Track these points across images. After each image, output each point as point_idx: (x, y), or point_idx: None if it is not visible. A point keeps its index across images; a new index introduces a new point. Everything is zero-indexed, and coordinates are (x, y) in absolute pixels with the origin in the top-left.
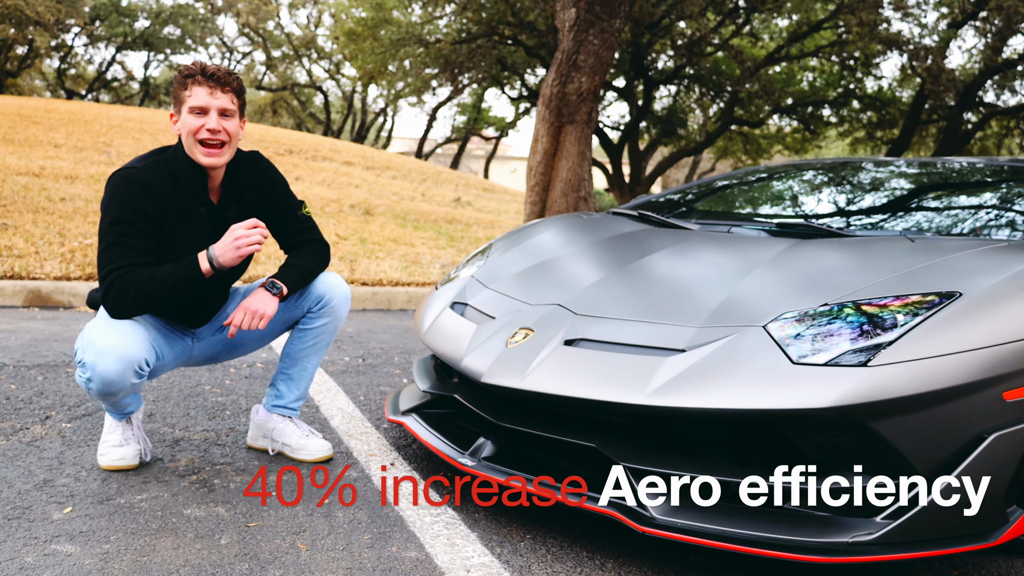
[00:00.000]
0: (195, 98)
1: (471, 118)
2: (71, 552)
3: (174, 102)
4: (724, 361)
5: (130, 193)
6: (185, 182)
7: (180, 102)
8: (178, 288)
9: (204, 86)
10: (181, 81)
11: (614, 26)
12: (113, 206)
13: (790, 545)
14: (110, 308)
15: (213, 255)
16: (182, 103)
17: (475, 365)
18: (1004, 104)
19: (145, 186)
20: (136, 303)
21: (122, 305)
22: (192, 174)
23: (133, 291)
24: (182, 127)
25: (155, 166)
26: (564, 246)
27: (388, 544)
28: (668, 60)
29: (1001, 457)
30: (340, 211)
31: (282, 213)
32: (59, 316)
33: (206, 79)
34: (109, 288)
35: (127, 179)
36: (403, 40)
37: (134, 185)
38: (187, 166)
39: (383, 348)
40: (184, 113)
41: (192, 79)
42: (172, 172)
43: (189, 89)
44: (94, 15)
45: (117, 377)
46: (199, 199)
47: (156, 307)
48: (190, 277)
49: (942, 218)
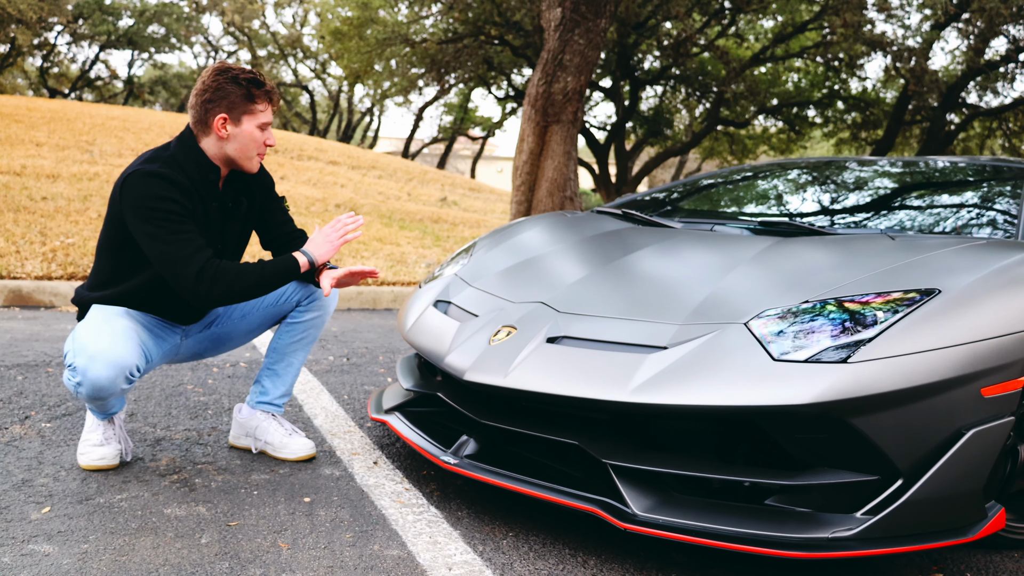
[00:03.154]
0: (266, 115)
1: (458, 118)
2: (49, 552)
3: (230, 108)
4: (705, 358)
5: (163, 188)
6: (198, 180)
7: (246, 114)
8: (275, 282)
9: (270, 103)
10: (248, 93)
11: (600, 26)
12: (156, 203)
13: (771, 541)
14: (204, 292)
15: (312, 255)
16: (251, 115)
17: (458, 363)
18: (986, 105)
19: (173, 182)
20: (230, 290)
21: (216, 291)
22: (207, 171)
23: (232, 277)
24: (242, 137)
25: (166, 166)
26: (548, 244)
27: (370, 542)
28: (654, 60)
29: (979, 453)
30: (325, 210)
31: (272, 204)
32: (40, 316)
33: (278, 99)
34: (203, 273)
35: (155, 176)
36: (389, 39)
37: (163, 180)
38: (202, 164)
39: (368, 347)
40: (251, 125)
41: (265, 95)
42: (184, 170)
43: (261, 104)
44: (77, 13)
45: (108, 383)
46: (212, 195)
47: (245, 297)
48: (289, 272)
49: (924, 217)
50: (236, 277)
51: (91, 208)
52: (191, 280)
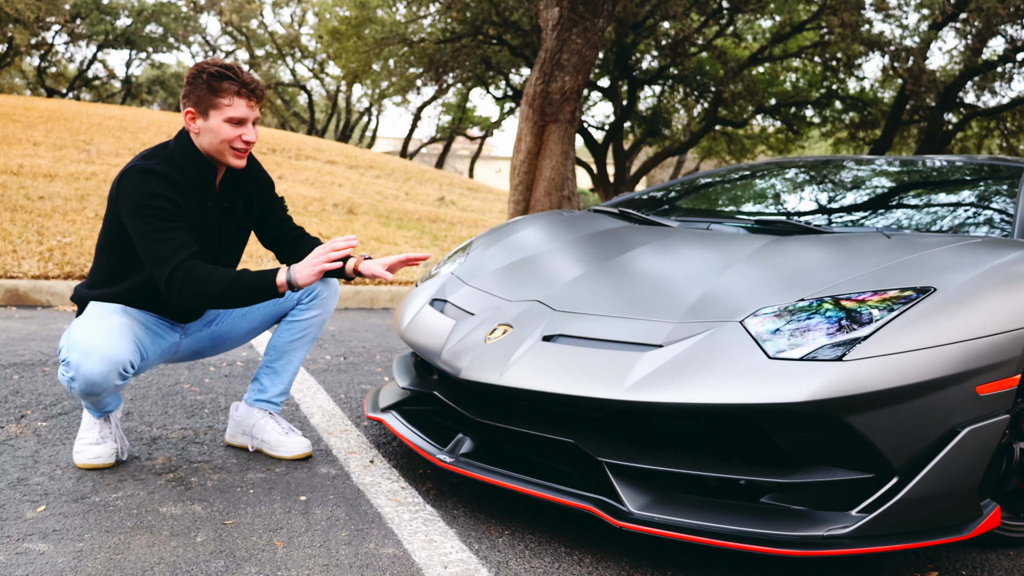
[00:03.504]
0: (235, 109)
1: (456, 118)
2: (44, 551)
3: (197, 102)
4: (701, 356)
5: (156, 186)
6: (194, 178)
7: (212, 107)
8: (246, 294)
9: (245, 98)
10: (216, 87)
11: (597, 25)
12: (147, 200)
13: (766, 539)
14: (174, 295)
15: (293, 276)
16: (216, 109)
17: (454, 361)
18: (984, 105)
19: (168, 179)
20: (199, 296)
21: (185, 295)
22: (203, 170)
23: (201, 283)
24: (210, 131)
25: (163, 162)
26: (545, 243)
27: (366, 541)
28: (652, 60)
29: (974, 451)
30: (323, 210)
31: (273, 203)
32: (37, 315)
33: (249, 93)
34: (173, 275)
35: (149, 173)
36: (387, 39)
37: (157, 178)
38: (198, 162)
39: (365, 346)
40: (218, 120)
41: (233, 91)
42: (180, 167)
43: (228, 99)
44: (75, 13)
45: (101, 378)
46: (208, 193)
47: (215, 305)
48: (263, 288)
49: (920, 215)
50: (205, 283)
51: (88, 208)
52: (164, 280)
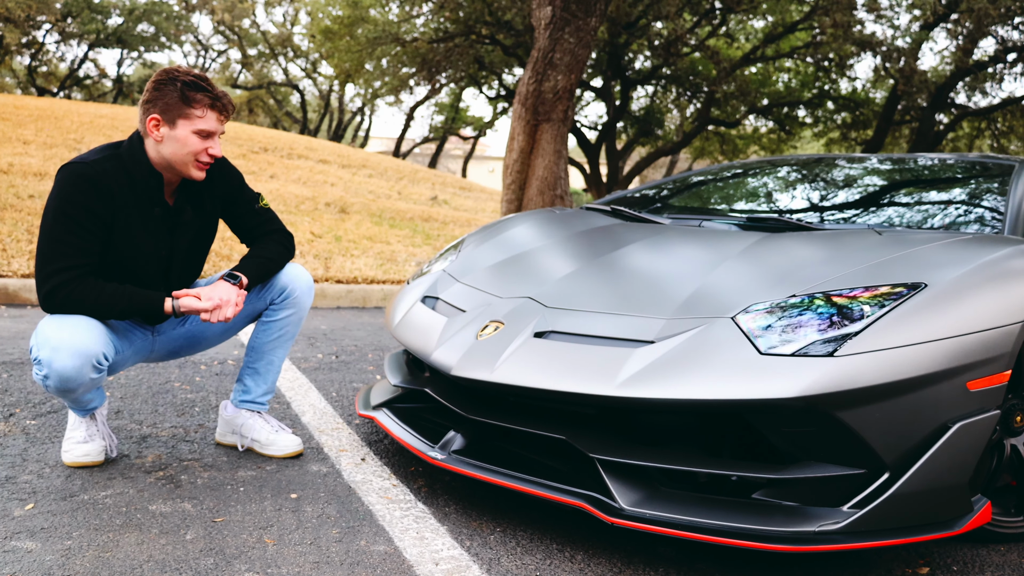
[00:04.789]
0: (206, 122)
1: (449, 118)
2: (31, 548)
3: (165, 110)
4: (692, 352)
5: (79, 190)
6: (140, 181)
7: (182, 116)
8: (131, 314)
9: (216, 112)
10: (189, 97)
11: (590, 24)
12: (61, 201)
13: (758, 535)
14: (53, 309)
15: (177, 305)
16: (186, 119)
17: (445, 358)
18: (975, 105)
19: (96, 184)
20: (85, 311)
21: (69, 310)
22: (148, 176)
23: (89, 302)
24: (176, 141)
25: (108, 162)
26: (536, 240)
27: (357, 538)
28: (645, 60)
29: (965, 446)
30: (315, 209)
31: (240, 207)
32: (26, 314)
33: (222, 107)
34: (56, 291)
35: (78, 175)
36: (380, 38)
37: (84, 182)
38: (144, 167)
39: (357, 345)
40: (186, 131)
41: (207, 103)
42: (127, 170)
43: (200, 110)
44: (66, 11)
45: (75, 373)
46: (154, 200)
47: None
48: (147, 310)
49: (911, 212)
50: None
51: None
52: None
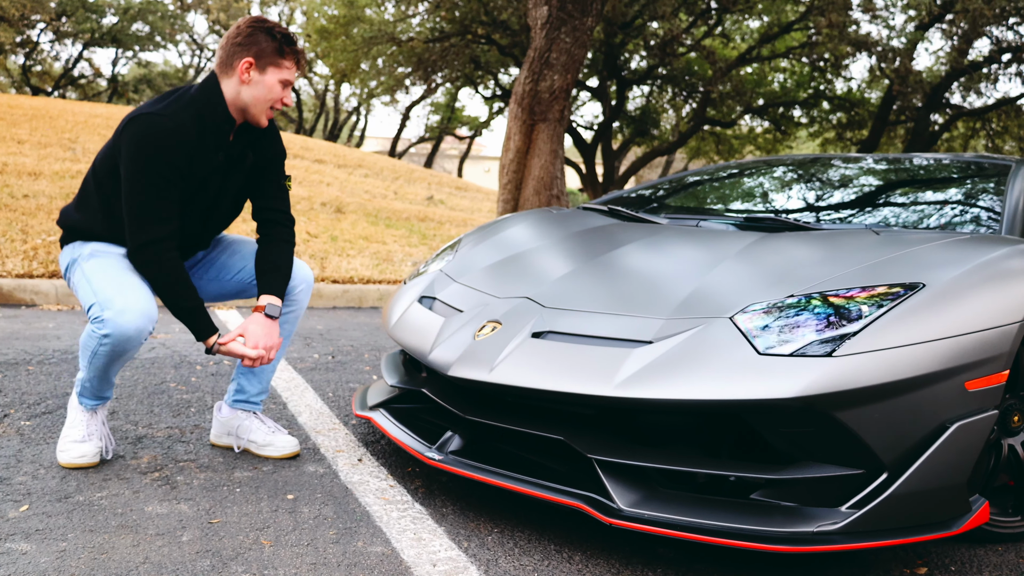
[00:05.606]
0: (290, 73)
1: (445, 117)
2: (26, 550)
3: (259, 54)
4: (691, 352)
5: (164, 146)
6: (211, 126)
7: (272, 65)
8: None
9: (296, 64)
10: (279, 48)
11: (586, 24)
12: (145, 156)
13: (756, 535)
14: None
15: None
16: (277, 68)
17: (442, 358)
18: (970, 106)
19: (176, 137)
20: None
21: (148, 275)
22: (223, 121)
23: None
24: (263, 86)
25: (184, 112)
26: (534, 240)
27: (354, 539)
28: (641, 60)
29: (963, 446)
30: (311, 209)
31: (271, 174)
32: (20, 314)
33: (302, 61)
34: (147, 249)
35: (159, 129)
36: (376, 38)
37: (166, 137)
38: (221, 111)
39: (353, 345)
40: (274, 78)
41: (294, 54)
42: (201, 116)
43: (288, 60)
44: (60, 11)
45: (136, 334)
46: (220, 144)
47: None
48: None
49: (908, 212)
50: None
51: None
52: (134, 245)
